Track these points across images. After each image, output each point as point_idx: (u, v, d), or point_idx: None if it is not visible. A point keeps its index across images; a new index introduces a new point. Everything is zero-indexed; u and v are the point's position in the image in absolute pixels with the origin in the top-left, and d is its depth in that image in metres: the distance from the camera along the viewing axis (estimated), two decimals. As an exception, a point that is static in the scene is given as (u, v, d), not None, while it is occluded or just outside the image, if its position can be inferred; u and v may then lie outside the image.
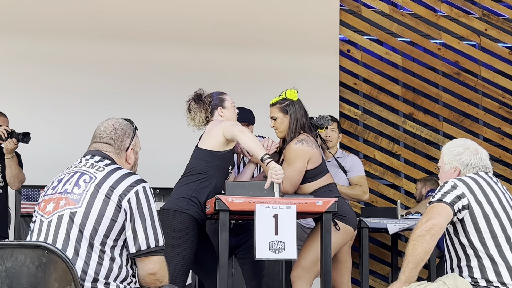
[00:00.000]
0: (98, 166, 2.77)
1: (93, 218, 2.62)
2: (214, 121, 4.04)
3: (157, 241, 2.70)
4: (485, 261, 3.11)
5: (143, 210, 2.68)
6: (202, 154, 3.94)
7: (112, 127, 2.91)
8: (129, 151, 2.93)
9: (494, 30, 7.00)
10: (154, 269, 2.70)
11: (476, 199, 3.18)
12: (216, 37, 6.54)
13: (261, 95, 6.43)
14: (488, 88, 6.93)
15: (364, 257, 5.02)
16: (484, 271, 3.10)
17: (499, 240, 3.12)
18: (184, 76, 6.37)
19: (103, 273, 2.60)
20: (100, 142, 2.89)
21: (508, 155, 6.88)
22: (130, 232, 2.66)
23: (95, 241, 2.61)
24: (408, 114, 6.85)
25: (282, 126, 4.12)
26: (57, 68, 6.33)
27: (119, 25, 6.45)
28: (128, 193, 2.67)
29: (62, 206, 2.67)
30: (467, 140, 3.46)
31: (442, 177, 3.42)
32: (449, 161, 3.37)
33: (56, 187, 2.77)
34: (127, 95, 6.33)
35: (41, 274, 2.45)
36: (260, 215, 3.59)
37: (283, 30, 6.63)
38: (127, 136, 2.92)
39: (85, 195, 2.67)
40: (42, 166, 5.83)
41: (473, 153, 3.35)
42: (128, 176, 2.73)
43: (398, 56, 6.91)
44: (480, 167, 3.33)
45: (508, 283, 3.05)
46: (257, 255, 3.58)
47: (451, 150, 3.39)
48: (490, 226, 3.14)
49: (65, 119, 6.25)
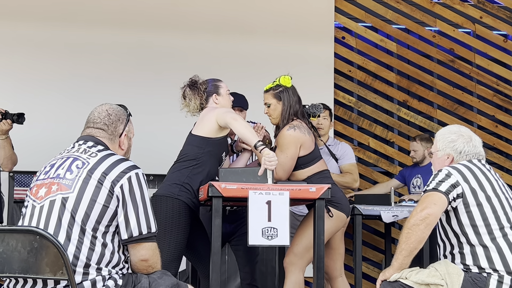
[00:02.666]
0: (91, 152, 2.76)
1: (85, 203, 2.61)
2: (208, 108, 4.04)
3: (149, 227, 2.70)
4: (477, 248, 3.12)
5: (136, 197, 2.67)
6: (195, 140, 3.94)
7: (106, 112, 2.90)
8: (122, 137, 2.92)
9: (489, 18, 6.98)
10: (146, 256, 2.71)
11: (470, 187, 3.18)
12: (211, 23, 6.51)
13: (255, 82, 6.41)
14: (483, 75, 6.93)
15: (358, 244, 5.04)
16: (476, 257, 3.11)
17: (492, 227, 3.13)
18: (178, 62, 6.36)
19: (95, 259, 2.59)
20: (94, 127, 2.87)
21: (502, 142, 6.89)
22: (122, 218, 2.65)
23: (87, 226, 2.60)
24: (403, 101, 6.85)
25: (275, 113, 4.13)
26: (51, 53, 6.29)
27: (114, 11, 6.42)
28: (121, 179, 2.66)
29: (54, 191, 2.66)
30: (461, 127, 3.45)
31: (435, 163, 3.42)
32: (442, 147, 3.37)
33: (49, 172, 2.76)
34: (120, 81, 6.30)
35: (33, 259, 2.45)
36: (253, 201, 3.59)
37: (278, 17, 6.60)
38: (121, 122, 2.91)
39: (77, 180, 2.66)
40: (35, 151, 5.81)
41: (466, 140, 3.35)
42: (121, 162, 2.73)
43: (393, 43, 6.89)
44: (474, 155, 3.33)
45: (500, 270, 3.06)
46: (250, 241, 3.58)
47: (445, 136, 3.38)
48: (483, 214, 3.15)
49: (58, 104, 6.23)
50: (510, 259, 3.08)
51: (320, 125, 5.15)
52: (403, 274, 3.14)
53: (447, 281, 3.06)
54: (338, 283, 4.36)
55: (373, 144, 6.74)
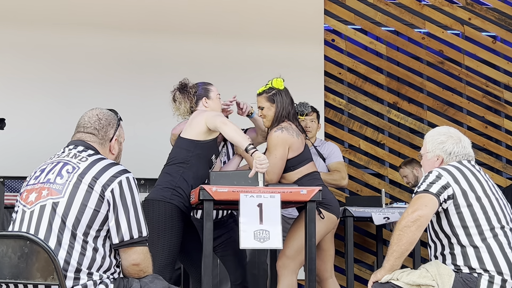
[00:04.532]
0: (81, 156, 2.75)
1: (76, 208, 2.60)
2: (198, 111, 4.04)
3: (141, 232, 2.70)
4: (468, 248, 3.12)
5: (127, 201, 2.67)
6: (184, 143, 3.93)
7: (96, 117, 2.89)
8: (113, 142, 2.91)
9: (478, 19, 7.01)
10: (137, 260, 2.70)
11: (461, 189, 3.19)
12: (201, 27, 6.51)
13: (245, 85, 6.41)
14: (472, 77, 6.96)
15: (349, 246, 5.04)
16: (467, 258, 3.12)
17: (482, 228, 3.14)
18: (168, 66, 6.34)
19: (86, 263, 2.58)
20: (84, 132, 2.86)
21: (492, 143, 6.92)
22: (113, 222, 2.64)
23: (78, 231, 2.59)
24: (393, 103, 6.86)
25: (269, 115, 4.15)
26: (35, 57, 6.25)
27: (101, 14, 6.39)
28: (112, 183, 2.66)
29: (45, 196, 2.65)
30: (450, 128, 3.46)
31: (424, 165, 3.42)
32: (432, 149, 3.37)
33: (39, 177, 2.74)
34: (109, 85, 6.28)
35: (23, 265, 2.44)
36: (244, 204, 3.59)
37: (268, 20, 6.61)
38: (111, 127, 2.91)
39: (67, 185, 2.65)
40: (25, 157, 5.80)
41: (456, 141, 3.35)
42: (112, 167, 2.72)
43: (382, 46, 6.91)
44: (463, 155, 3.33)
45: (491, 270, 3.07)
46: (242, 244, 3.58)
47: (435, 138, 3.38)
48: (473, 215, 3.15)
49: (45, 109, 6.19)
50: (500, 259, 3.09)
51: (308, 128, 5.16)
52: (394, 275, 3.15)
53: (438, 281, 3.06)
54: (329, 285, 4.37)
55: (364, 146, 6.75)
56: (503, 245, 3.12)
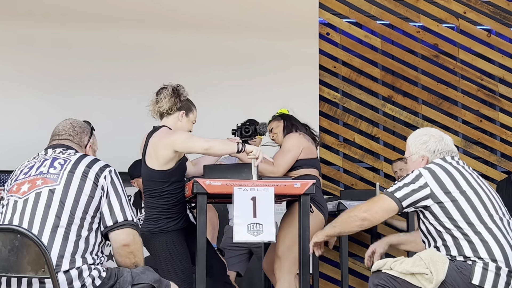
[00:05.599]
0: (68, 153, 2.87)
1: (73, 193, 2.70)
2: (160, 133, 3.81)
3: (132, 216, 2.81)
4: (461, 240, 3.13)
5: (117, 188, 2.81)
6: (155, 175, 3.77)
7: (70, 125, 3.01)
8: (87, 148, 3.03)
9: (473, 13, 7.00)
10: (127, 240, 2.77)
11: (441, 186, 3.20)
12: (196, 21, 6.49)
13: (239, 78, 6.44)
14: (467, 70, 6.95)
15: (344, 240, 5.04)
16: (461, 248, 3.13)
17: (471, 220, 3.15)
18: (164, 61, 6.32)
19: (82, 247, 2.65)
20: (60, 139, 2.96)
21: (487, 137, 6.91)
22: (106, 207, 2.76)
23: (75, 215, 2.67)
24: (387, 97, 6.85)
25: (279, 130, 4.34)
26: (24, 53, 6.20)
27: (94, 8, 6.36)
28: (104, 171, 2.80)
29: (39, 185, 2.71)
30: (430, 128, 3.52)
31: (410, 167, 3.43)
32: (416, 150, 3.40)
33: (28, 172, 2.79)
34: (102, 80, 6.24)
35: (14, 258, 2.43)
36: (238, 197, 3.58)
37: (262, 14, 6.59)
38: (85, 134, 3.03)
39: (62, 174, 2.74)
40: (10, 151, 5.78)
41: (438, 139, 3.39)
42: (98, 161, 2.86)
43: (377, 39, 6.90)
44: (446, 152, 3.36)
45: (485, 257, 3.08)
46: (235, 237, 3.57)
47: (417, 139, 3.42)
48: (459, 209, 3.17)
49: (35, 105, 6.15)
50: (494, 247, 3.10)
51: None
52: (387, 264, 3.15)
53: (432, 269, 3.06)
54: None
55: (359, 140, 6.74)
56: (495, 233, 3.14)
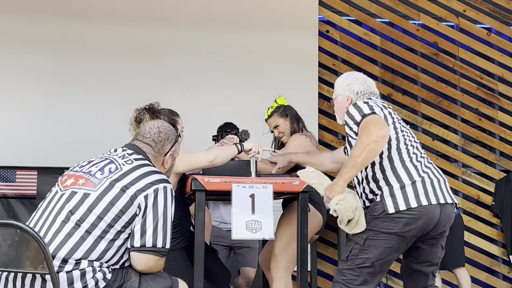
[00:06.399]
0: (128, 158, 2.79)
1: (103, 205, 2.63)
2: None
3: (165, 243, 2.70)
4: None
5: (158, 209, 2.68)
6: None
7: (157, 129, 2.94)
8: (167, 156, 2.95)
9: (473, 11, 7.01)
10: (146, 266, 2.71)
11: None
12: (195, 17, 6.49)
13: (239, 75, 6.44)
14: (466, 69, 6.96)
15: (342, 237, 5.04)
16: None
17: (390, 149, 3.22)
18: (163, 56, 6.33)
19: (95, 256, 2.61)
20: (142, 141, 2.91)
21: (486, 136, 6.92)
22: (139, 226, 2.66)
23: (98, 228, 2.61)
24: (387, 95, 6.86)
25: (286, 129, 4.34)
26: (29, 48, 6.21)
27: (95, 4, 6.37)
28: (147, 189, 2.68)
29: (80, 185, 2.70)
30: (354, 72, 3.64)
31: (337, 109, 3.55)
32: (341, 91, 3.50)
33: (84, 166, 2.81)
34: (104, 76, 6.25)
35: (13, 253, 2.43)
36: (236, 195, 3.58)
37: (262, 11, 6.60)
38: (169, 142, 2.95)
39: (104, 182, 2.68)
40: (17, 147, 5.79)
41: (361, 82, 3.50)
42: (152, 174, 2.74)
43: (376, 37, 6.90)
44: (369, 94, 3.47)
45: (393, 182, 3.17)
46: (234, 235, 3.58)
47: (342, 81, 3.54)
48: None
49: (37, 101, 6.16)
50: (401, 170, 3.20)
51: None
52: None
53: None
54: None
55: (358, 137, 6.74)
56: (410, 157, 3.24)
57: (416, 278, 3.35)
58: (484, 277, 6.69)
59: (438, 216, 3.18)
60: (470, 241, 6.62)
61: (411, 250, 3.29)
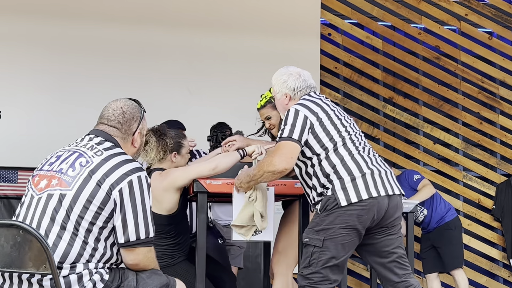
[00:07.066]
0: (97, 149, 2.71)
1: (81, 204, 2.57)
2: (156, 178, 3.77)
3: (148, 232, 2.66)
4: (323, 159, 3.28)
5: (136, 201, 2.63)
6: (161, 219, 3.73)
7: (120, 110, 2.83)
8: (136, 135, 2.85)
9: (475, 15, 7.02)
10: (136, 260, 2.67)
11: (318, 118, 3.32)
12: (198, 20, 6.50)
13: (241, 78, 6.44)
14: (468, 73, 6.96)
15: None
16: (323, 168, 3.28)
17: (337, 144, 3.29)
18: (165, 59, 6.33)
19: (86, 256, 2.57)
20: (108, 124, 2.81)
21: (487, 139, 6.93)
22: (119, 222, 2.61)
23: (81, 227, 2.56)
24: (388, 98, 6.87)
25: (278, 122, 4.17)
26: (28, 48, 6.21)
27: (96, 5, 6.36)
28: (121, 182, 2.61)
29: (54, 186, 2.63)
30: (289, 67, 3.62)
31: (278, 106, 3.59)
32: (279, 89, 3.54)
33: (54, 163, 2.71)
34: (104, 77, 6.24)
35: (16, 253, 2.43)
36: (238, 197, 3.58)
37: (264, 14, 6.60)
38: (135, 120, 2.84)
39: (78, 178, 2.61)
40: (18, 148, 5.79)
41: (296, 77, 3.51)
42: (125, 164, 2.66)
43: (378, 40, 6.91)
44: (306, 88, 3.50)
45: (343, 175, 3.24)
46: (234, 236, 3.58)
47: (278, 79, 3.55)
48: (329, 135, 3.30)
49: (38, 101, 6.17)
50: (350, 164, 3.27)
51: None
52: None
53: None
54: None
55: (359, 140, 6.75)
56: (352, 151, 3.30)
57: (383, 273, 3.39)
58: (484, 280, 6.70)
59: (386, 206, 3.26)
60: (470, 244, 6.62)
61: (367, 246, 3.37)
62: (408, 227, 5.09)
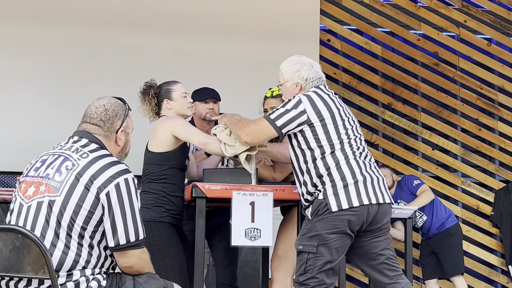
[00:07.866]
0: (83, 152, 2.68)
1: (71, 208, 2.55)
2: (160, 119, 3.83)
3: (137, 234, 2.63)
4: (318, 158, 3.32)
5: (124, 203, 2.60)
6: (154, 158, 3.75)
7: (103, 107, 2.81)
8: (119, 133, 2.82)
9: (473, 22, 7.03)
10: (130, 263, 2.65)
11: (318, 114, 3.35)
12: (197, 26, 6.51)
13: (240, 84, 6.45)
14: (467, 79, 6.98)
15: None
16: (317, 167, 3.33)
17: (335, 147, 3.33)
18: (163, 64, 6.33)
19: (82, 263, 2.55)
20: (90, 123, 2.79)
21: (485, 146, 6.93)
22: (108, 225, 2.58)
23: (73, 232, 2.54)
24: (387, 104, 6.88)
25: None
26: (20, 52, 6.19)
27: (93, 10, 6.35)
28: (108, 185, 2.58)
29: (42, 192, 2.60)
30: (301, 56, 3.64)
31: (285, 93, 3.60)
32: (290, 77, 3.55)
33: (39, 168, 2.68)
34: (101, 83, 6.22)
35: (14, 258, 2.42)
36: (236, 202, 3.59)
37: (263, 19, 6.61)
38: (118, 118, 2.82)
39: (65, 183, 2.59)
40: (17, 152, 5.79)
41: (308, 67, 3.55)
42: (111, 166, 2.63)
43: (377, 46, 6.93)
44: (318, 80, 3.53)
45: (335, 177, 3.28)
46: (233, 242, 3.58)
47: (290, 67, 3.57)
48: (327, 134, 3.34)
49: (34, 105, 6.16)
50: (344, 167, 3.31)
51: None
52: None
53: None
54: None
55: (358, 146, 6.75)
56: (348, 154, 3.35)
57: (374, 276, 3.44)
58: (483, 287, 6.70)
59: (375, 212, 3.31)
60: (469, 250, 6.62)
61: (356, 249, 3.41)
62: (406, 233, 5.11)
